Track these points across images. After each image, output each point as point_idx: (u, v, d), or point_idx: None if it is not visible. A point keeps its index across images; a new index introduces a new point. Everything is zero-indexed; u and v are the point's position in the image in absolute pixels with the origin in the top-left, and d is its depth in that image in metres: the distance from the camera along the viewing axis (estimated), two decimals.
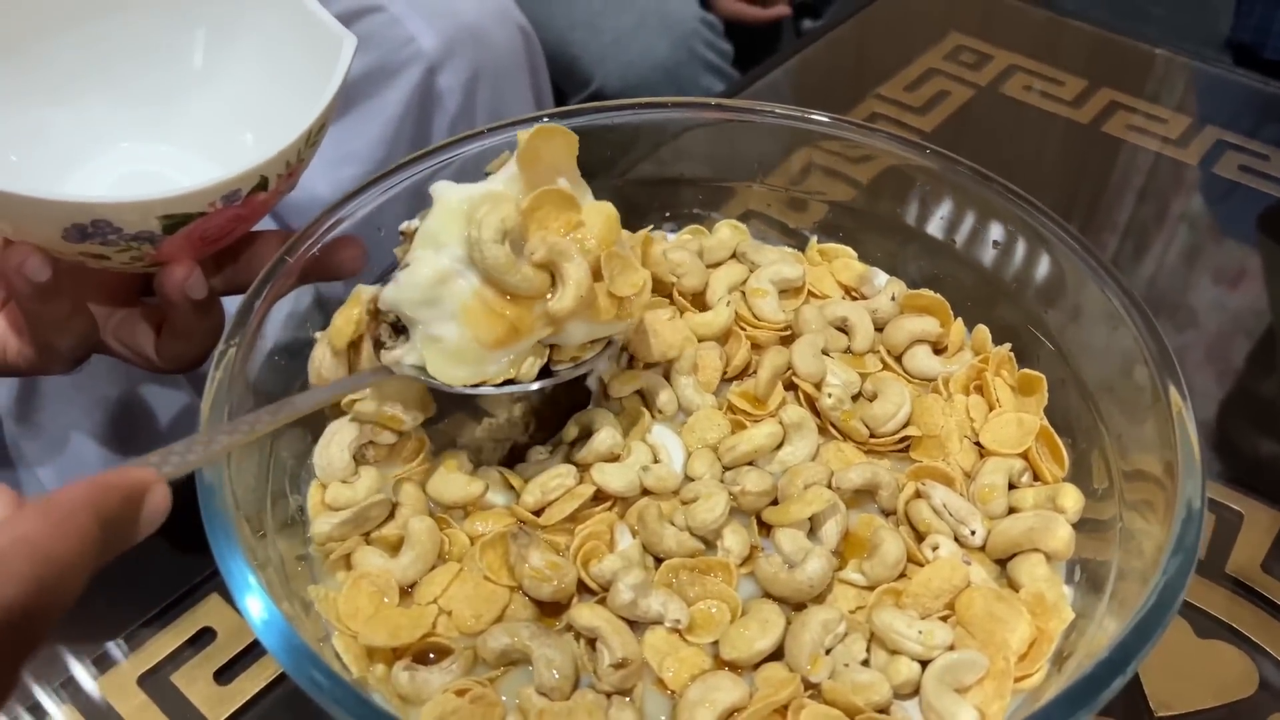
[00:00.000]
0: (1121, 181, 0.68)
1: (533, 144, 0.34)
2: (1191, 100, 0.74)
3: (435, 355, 0.34)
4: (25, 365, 0.41)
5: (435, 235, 0.33)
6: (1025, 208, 0.41)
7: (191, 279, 0.38)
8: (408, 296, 0.34)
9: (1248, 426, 0.53)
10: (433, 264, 0.33)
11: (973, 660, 0.32)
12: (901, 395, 0.39)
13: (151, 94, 0.43)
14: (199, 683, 0.41)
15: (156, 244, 0.36)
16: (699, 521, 0.35)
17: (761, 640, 0.32)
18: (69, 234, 0.35)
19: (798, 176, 0.47)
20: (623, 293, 0.35)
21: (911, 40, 0.79)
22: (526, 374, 0.35)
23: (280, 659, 0.27)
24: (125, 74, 0.43)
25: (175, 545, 0.46)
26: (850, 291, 0.45)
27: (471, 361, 0.34)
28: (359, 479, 0.36)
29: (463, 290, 0.33)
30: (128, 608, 0.43)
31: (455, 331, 0.34)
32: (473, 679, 0.32)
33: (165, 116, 0.44)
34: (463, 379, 0.34)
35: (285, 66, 0.41)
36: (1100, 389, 0.38)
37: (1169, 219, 0.65)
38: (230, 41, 0.43)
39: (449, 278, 0.33)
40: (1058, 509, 0.36)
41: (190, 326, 0.40)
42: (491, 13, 0.80)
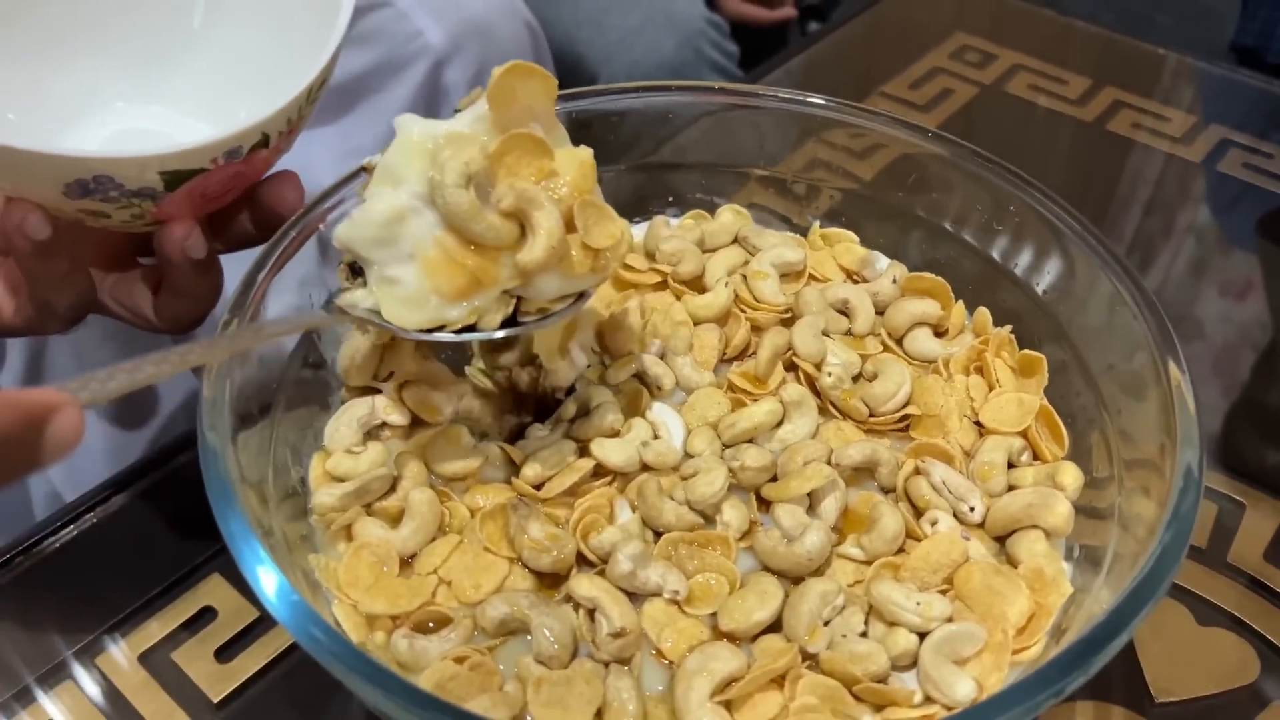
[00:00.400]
0: (1125, 179, 0.68)
1: (506, 81, 0.32)
2: (1195, 99, 0.74)
3: (390, 298, 0.33)
4: (23, 324, 0.41)
5: (394, 171, 0.32)
6: (1028, 190, 0.41)
7: (191, 238, 0.38)
8: (362, 234, 0.32)
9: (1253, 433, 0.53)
10: (389, 201, 0.32)
11: (971, 632, 0.32)
12: (902, 375, 0.39)
13: (148, 54, 0.43)
14: (199, 661, 0.41)
15: (157, 200, 0.36)
16: (698, 496, 0.35)
17: (760, 611, 0.32)
18: (70, 190, 0.35)
19: (801, 162, 0.47)
20: (598, 244, 0.33)
21: (916, 40, 0.79)
22: (489, 324, 0.34)
23: (283, 619, 0.28)
24: (120, 32, 0.43)
25: (176, 525, 0.46)
26: (852, 275, 0.45)
27: (429, 308, 0.33)
28: (364, 451, 0.36)
29: (421, 231, 0.32)
30: (129, 587, 0.43)
31: (413, 275, 0.32)
32: (471, 647, 0.32)
33: (162, 77, 0.43)
34: (418, 323, 0.33)
35: (285, 27, 0.41)
36: (1101, 372, 0.38)
37: (1172, 215, 0.65)
38: (230, 7, 0.43)
39: (406, 216, 0.32)
40: (1057, 486, 0.36)
41: (189, 286, 0.40)
42: (498, 8, 0.80)
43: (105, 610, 0.42)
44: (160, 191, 0.35)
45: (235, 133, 0.34)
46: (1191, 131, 0.71)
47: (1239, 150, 0.69)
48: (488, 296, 0.33)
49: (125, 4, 0.42)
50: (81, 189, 0.34)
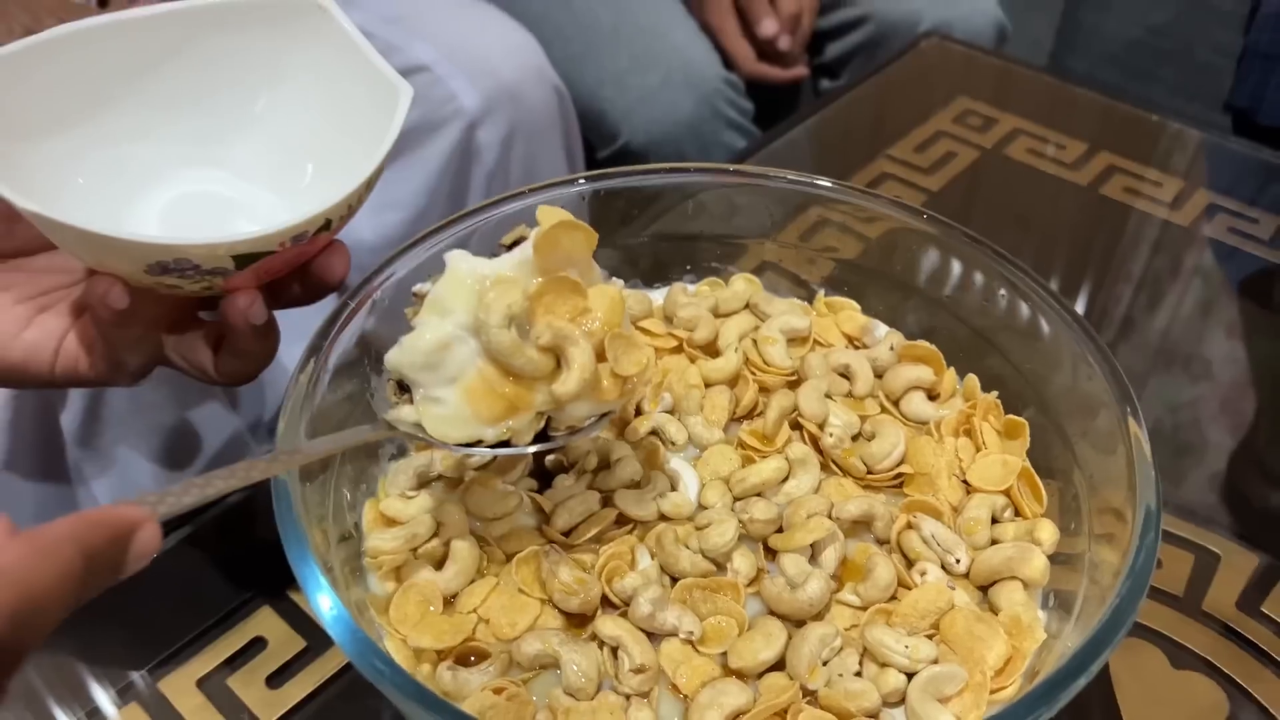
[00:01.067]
0: (1114, 241, 0.72)
1: (553, 235, 0.36)
2: (1186, 165, 0.78)
3: (433, 416, 0.36)
4: (95, 378, 0.44)
5: (442, 303, 0.35)
6: (1011, 269, 0.45)
7: (254, 307, 0.41)
8: (409, 360, 0.35)
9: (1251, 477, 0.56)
10: (436, 330, 0.35)
11: (953, 673, 0.35)
12: (897, 436, 0.43)
13: (212, 131, 0.46)
14: (252, 686, 0.44)
15: (227, 277, 0.39)
16: (711, 545, 0.39)
17: (765, 651, 0.36)
18: (151, 268, 0.38)
19: (808, 235, 0.51)
20: (626, 372, 0.36)
21: (923, 102, 0.83)
22: (521, 440, 0.36)
23: (345, 648, 0.31)
24: (190, 113, 0.46)
25: (229, 563, 0.50)
26: (853, 341, 0.49)
27: (469, 426, 0.36)
28: (416, 497, 0.40)
29: (464, 358, 0.35)
30: (187, 619, 0.47)
31: (454, 396, 0.35)
32: (508, 679, 0.36)
33: (224, 148, 0.46)
34: (458, 438, 0.36)
35: (344, 110, 0.44)
36: (1076, 434, 0.42)
37: (1159, 277, 0.69)
38: (291, 85, 0.45)
39: (451, 345, 0.35)
40: (1035, 541, 0.40)
41: (248, 346, 0.43)
42: (529, 73, 0.85)
43: (166, 640, 0.46)
44: (231, 270, 0.39)
45: (302, 220, 0.38)
46: (1181, 196, 0.74)
47: (1226, 215, 0.73)
48: (523, 419, 0.36)
49: (195, 92, 0.45)
50: (162, 268, 0.38)
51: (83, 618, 0.46)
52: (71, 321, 0.44)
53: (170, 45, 0.44)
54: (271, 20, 0.43)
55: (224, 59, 0.44)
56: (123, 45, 0.43)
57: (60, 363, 0.43)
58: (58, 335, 0.43)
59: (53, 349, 0.43)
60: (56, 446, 0.67)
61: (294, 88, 0.45)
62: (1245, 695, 0.46)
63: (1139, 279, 0.68)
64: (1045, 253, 0.70)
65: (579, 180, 0.48)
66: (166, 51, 0.44)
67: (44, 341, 0.43)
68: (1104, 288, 0.68)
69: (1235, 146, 0.79)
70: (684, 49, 1.04)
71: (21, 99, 0.41)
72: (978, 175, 0.76)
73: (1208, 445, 0.58)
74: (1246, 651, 0.48)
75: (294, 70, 0.45)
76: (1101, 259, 0.70)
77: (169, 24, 0.43)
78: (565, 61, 1.02)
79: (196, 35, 0.44)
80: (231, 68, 0.44)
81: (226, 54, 0.44)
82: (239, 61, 0.44)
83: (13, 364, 0.42)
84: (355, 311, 0.42)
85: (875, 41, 1.12)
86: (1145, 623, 0.49)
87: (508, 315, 0.34)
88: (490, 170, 0.85)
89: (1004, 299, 0.46)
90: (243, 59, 0.44)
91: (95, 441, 0.68)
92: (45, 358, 0.43)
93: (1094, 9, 1.31)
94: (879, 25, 1.11)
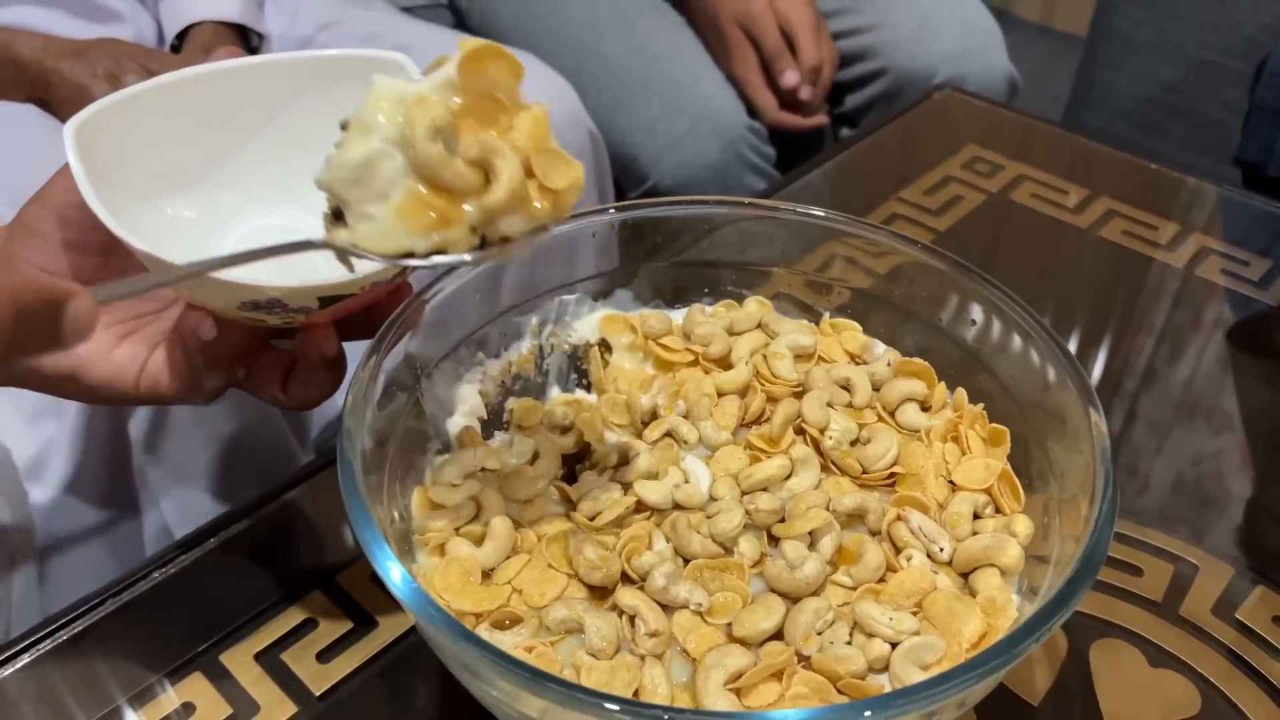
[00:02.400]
0: (1110, 280, 0.76)
1: (478, 55, 0.35)
2: (1181, 209, 0.83)
3: (365, 232, 0.36)
4: (174, 396, 0.47)
5: (367, 120, 0.35)
6: (998, 295, 0.49)
7: (329, 342, 0.45)
8: (337, 175, 0.35)
9: None
10: (362, 146, 0.35)
11: (933, 644, 0.40)
12: (890, 441, 0.48)
13: (295, 172, 0.47)
14: (304, 661, 0.48)
15: (309, 315, 0.43)
16: (719, 530, 0.43)
17: (765, 622, 0.40)
18: (244, 306, 0.41)
19: (815, 264, 0.56)
20: (556, 185, 0.36)
21: (934, 149, 0.88)
22: (456, 250, 0.36)
23: (409, 604, 0.36)
24: (273, 158, 0.49)
25: (283, 552, 0.54)
26: (854, 358, 0.53)
27: (401, 240, 0.36)
28: (461, 485, 0.45)
29: (392, 174, 0.35)
30: (248, 600, 0.51)
31: (385, 212, 0.35)
32: (538, 640, 0.41)
33: (297, 192, 0.48)
34: (390, 251, 0.36)
35: None
36: (1051, 442, 0.46)
37: (1151, 315, 0.73)
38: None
39: (377, 160, 0.35)
40: (1011, 534, 0.44)
41: (318, 376, 0.46)
42: (566, 119, 0.91)
43: (227, 618, 0.50)
44: (314, 309, 0.42)
45: (382, 268, 0.40)
46: (1176, 239, 0.79)
47: (1217, 257, 0.77)
48: (454, 233, 0.36)
49: (282, 137, 0.49)
50: (254, 306, 0.41)
51: (149, 596, 0.52)
52: (155, 346, 0.46)
53: (262, 94, 0.47)
54: (355, 75, 0.45)
55: (312, 108, 0.47)
56: (217, 93, 0.46)
57: (143, 382, 0.46)
58: (142, 358, 0.46)
59: (137, 370, 0.46)
60: (124, 452, 0.72)
61: None
62: (1217, 693, 0.49)
63: (1133, 316, 0.73)
64: (1043, 289, 0.75)
65: (609, 211, 0.54)
66: (259, 100, 0.47)
67: (129, 363, 0.45)
68: (1098, 323, 0.72)
69: (1231, 194, 0.84)
70: (711, 99, 1.10)
71: (123, 142, 0.44)
72: (983, 217, 0.81)
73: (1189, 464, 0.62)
74: (1219, 653, 0.51)
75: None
76: (1098, 297, 0.74)
77: (264, 75, 0.47)
78: (600, 109, 1.08)
79: (288, 86, 0.47)
80: (318, 118, 0.46)
81: (314, 104, 0.47)
82: (325, 112, 0.47)
83: (100, 382, 0.45)
84: (410, 322, 0.47)
85: (892, 93, 1.17)
86: (1125, 624, 0.52)
87: (433, 128, 0.34)
88: None
89: (992, 322, 0.50)
90: (328, 110, 0.47)
91: (160, 449, 0.73)
92: (130, 378, 0.46)
93: (1107, 67, 1.36)
94: (896, 77, 1.16)
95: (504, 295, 0.53)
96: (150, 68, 0.84)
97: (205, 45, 0.91)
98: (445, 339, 0.51)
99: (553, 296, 0.54)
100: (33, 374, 0.44)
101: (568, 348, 0.55)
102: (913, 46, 1.15)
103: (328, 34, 1.00)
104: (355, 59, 0.47)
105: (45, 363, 0.44)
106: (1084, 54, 1.42)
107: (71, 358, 0.44)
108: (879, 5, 1.18)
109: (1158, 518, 0.58)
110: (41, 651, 0.49)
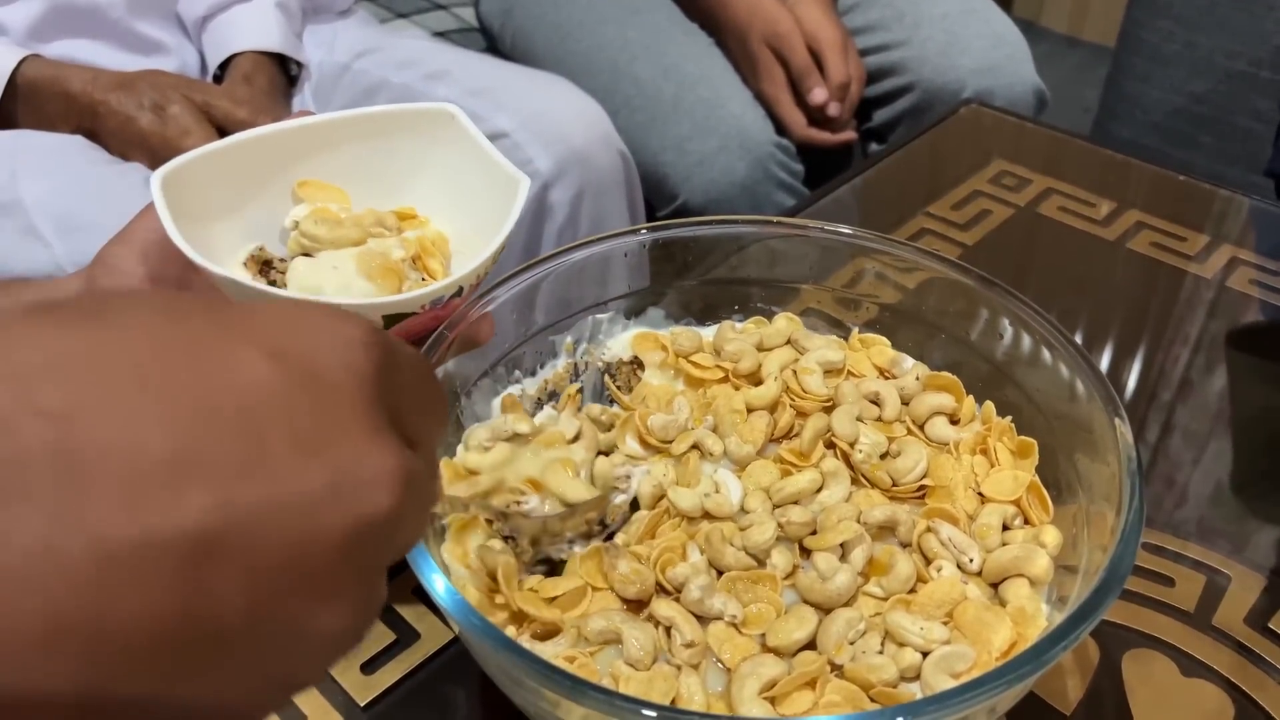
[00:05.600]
0: (1141, 292, 0.76)
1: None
2: (1209, 220, 0.83)
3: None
4: None
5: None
6: (1025, 309, 0.50)
7: None
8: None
9: None
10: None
11: (963, 653, 0.40)
12: (920, 454, 0.48)
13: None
14: (349, 672, 0.50)
15: None
16: (753, 542, 0.44)
17: (798, 632, 0.41)
18: None
19: (844, 280, 0.57)
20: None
21: (961, 165, 0.89)
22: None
23: (451, 611, 0.37)
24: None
25: None
26: (883, 372, 0.54)
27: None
28: (492, 449, 0.47)
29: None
30: None
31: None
32: (577, 650, 0.42)
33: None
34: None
35: (466, 198, 0.50)
36: (1079, 454, 0.47)
37: (1184, 327, 0.73)
38: (427, 179, 0.51)
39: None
40: (1040, 544, 0.44)
41: None
42: (597, 140, 0.93)
43: None
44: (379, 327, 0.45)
45: (440, 285, 0.44)
46: (1204, 250, 0.79)
47: (1248, 268, 0.78)
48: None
49: (346, 183, 0.51)
50: None
51: None
52: None
53: (325, 145, 0.50)
54: (412, 127, 0.50)
55: (370, 158, 0.51)
56: (284, 146, 0.50)
57: None
58: None
59: None
60: None
61: (428, 181, 0.52)
62: (1250, 702, 0.50)
63: (1166, 329, 0.73)
64: (1074, 303, 0.75)
65: (641, 230, 0.55)
66: (322, 150, 0.50)
67: None
68: (1130, 336, 0.72)
69: (1262, 204, 0.84)
70: (740, 117, 1.11)
71: (198, 191, 0.47)
72: (1011, 230, 0.82)
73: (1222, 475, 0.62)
74: (1252, 663, 0.51)
75: (428, 166, 0.51)
76: (1129, 310, 0.75)
77: (328, 131, 0.50)
78: (630, 129, 1.10)
79: (348, 137, 0.50)
80: (376, 165, 0.51)
81: (372, 153, 0.51)
82: (383, 160, 0.51)
83: None
84: (451, 341, 0.49)
85: (920, 108, 1.18)
86: (1158, 634, 0.53)
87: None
88: (561, 225, 0.93)
89: (1022, 339, 0.51)
90: (386, 159, 0.51)
91: None
92: None
93: (1136, 78, 1.36)
94: (924, 93, 1.17)
95: (539, 314, 0.54)
96: (193, 98, 0.87)
97: (247, 74, 0.94)
98: (483, 357, 0.52)
99: (586, 315, 0.56)
100: None
101: (601, 365, 0.56)
102: (940, 61, 1.16)
103: (364, 61, 1.03)
104: (409, 112, 0.51)
105: None
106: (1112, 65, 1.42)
107: None
108: (906, 22, 1.19)
109: (1190, 528, 0.58)
110: None
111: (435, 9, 1.37)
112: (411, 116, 0.51)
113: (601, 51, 1.15)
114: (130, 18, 0.93)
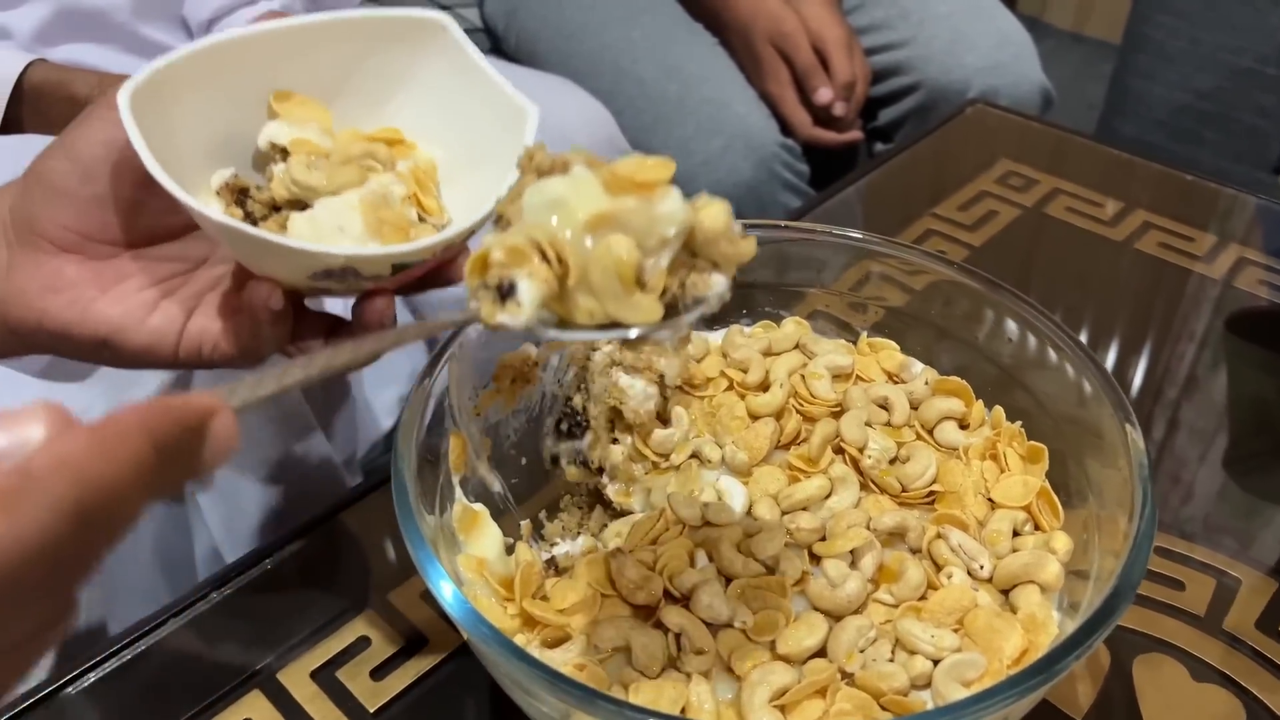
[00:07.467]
0: (1148, 292, 0.76)
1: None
2: (1217, 220, 0.82)
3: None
4: (224, 363, 0.45)
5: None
6: (1033, 313, 0.50)
7: (389, 310, 0.43)
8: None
9: None
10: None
11: (974, 660, 0.40)
12: (929, 459, 0.48)
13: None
14: (358, 679, 0.50)
15: (378, 282, 0.42)
16: (762, 550, 0.44)
17: (809, 639, 0.41)
18: (316, 275, 0.40)
19: (852, 284, 0.57)
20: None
21: (967, 165, 0.89)
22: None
23: (460, 618, 0.37)
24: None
25: (338, 572, 0.55)
26: (892, 376, 0.54)
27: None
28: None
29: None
30: (303, 620, 0.52)
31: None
32: (587, 658, 0.42)
33: None
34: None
35: (466, 129, 0.46)
36: (1089, 459, 0.47)
37: (1191, 327, 0.73)
38: (416, 101, 0.47)
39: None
40: (1051, 551, 0.44)
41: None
42: (601, 141, 0.93)
43: (283, 637, 0.51)
44: (385, 276, 0.41)
45: (453, 234, 0.41)
46: (1213, 250, 0.79)
47: (1256, 268, 0.77)
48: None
49: (325, 96, 0.46)
50: (326, 274, 0.40)
51: (209, 615, 0.53)
52: (192, 310, 0.44)
53: (304, 52, 0.45)
54: (400, 37, 0.45)
55: (354, 68, 0.46)
56: (260, 53, 0.45)
57: (184, 346, 0.44)
58: (179, 322, 0.44)
59: (176, 333, 0.44)
60: None
61: (415, 98, 0.47)
62: (1261, 706, 0.49)
63: (1172, 328, 0.73)
64: (1081, 303, 0.75)
65: None
66: (301, 58, 0.45)
67: (168, 327, 0.43)
68: (1137, 336, 0.72)
69: (1269, 203, 0.83)
70: (745, 117, 1.11)
71: (171, 103, 0.43)
72: (1019, 231, 0.81)
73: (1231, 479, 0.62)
74: (1263, 667, 0.51)
75: (415, 83, 0.46)
76: (1136, 310, 0.74)
77: (303, 35, 0.45)
78: (635, 130, 1.10)
79: (329, 44, 0.45)
80: (360, 76, 0.46)
81: (356, 63, 0.46)
82: (367, 71, 0.46)
83: (140, 348, 0.43)
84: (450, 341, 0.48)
85: (926, 107, 1.18)
86: (1168, 639, 0.52)
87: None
88: None
89: (1031, 342, 0.51)
90: (368, 71, 0.46)
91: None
92: (170, 341, 0.44)
93: (1141, 75, 1.36)
94: (929, 92, 1.17)
95: None
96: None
97: None
98: (492, 360, 0.52)
99: None
100: (63, 340, 0.42)
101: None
102: (946, 60, 1.16)
103: None
104: (396, 19, 0.46)
105: (75, 329, 0.42)
106: (1117, 62, 1.41)
107: (106, 324, 0.42)
108: (911, 20, 1.18)
109: (1200, 531, 0.58)
110: (106, 670, 0.51)
111: (439, 10, 1.37)
112: (399, 25, 0.46)
113: (605, 52, 1.15)
114: (136, 21, 0.93)
